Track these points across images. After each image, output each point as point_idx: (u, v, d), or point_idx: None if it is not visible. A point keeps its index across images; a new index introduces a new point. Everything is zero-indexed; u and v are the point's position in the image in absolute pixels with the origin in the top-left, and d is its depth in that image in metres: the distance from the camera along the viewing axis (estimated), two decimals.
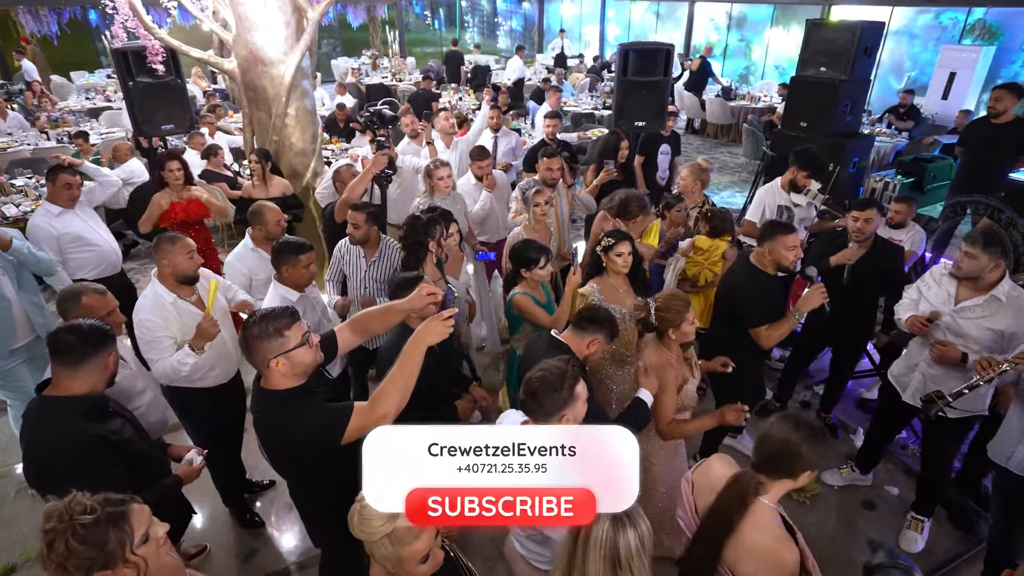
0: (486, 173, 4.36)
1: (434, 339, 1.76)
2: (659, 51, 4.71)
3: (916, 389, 2.98)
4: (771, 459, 1.73)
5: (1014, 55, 9.20)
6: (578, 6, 18.48)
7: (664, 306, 2.55)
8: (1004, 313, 2.67)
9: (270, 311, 1.85)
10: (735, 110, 11.33)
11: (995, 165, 4.95)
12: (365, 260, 3.46)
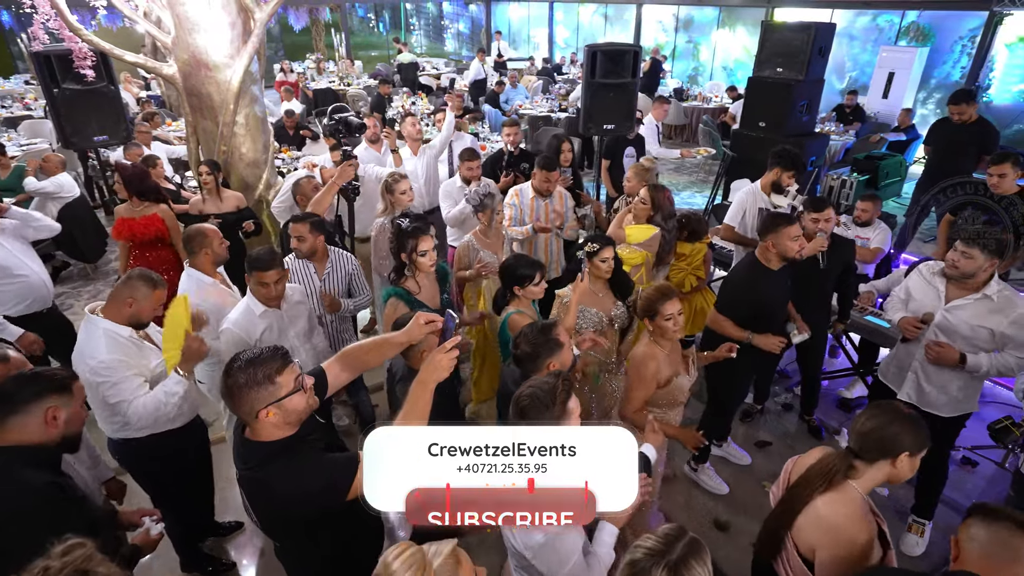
0: (475, 176, 4.15)
1: (441, 375, 1.57)
2: (626, 53, 4.62)
3: (911, 387, 2.97)
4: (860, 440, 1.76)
5: (945, 55, 9.66)
6: (526, 8, 18.43)
7: (646, 295, 2.57)
8: (996, 311, 2.67)
9: (258, 354, 1.61)
10: (688, 110, 11.48)
11: (959, 165, 5.07)
12: (317, 275, 3.22)
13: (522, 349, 2.15)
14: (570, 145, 4.58)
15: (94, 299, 5.68)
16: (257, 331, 2.71)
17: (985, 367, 2.69)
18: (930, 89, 9.93)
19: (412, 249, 2.80)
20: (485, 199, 3.46)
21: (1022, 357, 2.65)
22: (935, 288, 2.85)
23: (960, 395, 2.85)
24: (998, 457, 3.66)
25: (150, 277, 2.39)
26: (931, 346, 2.75)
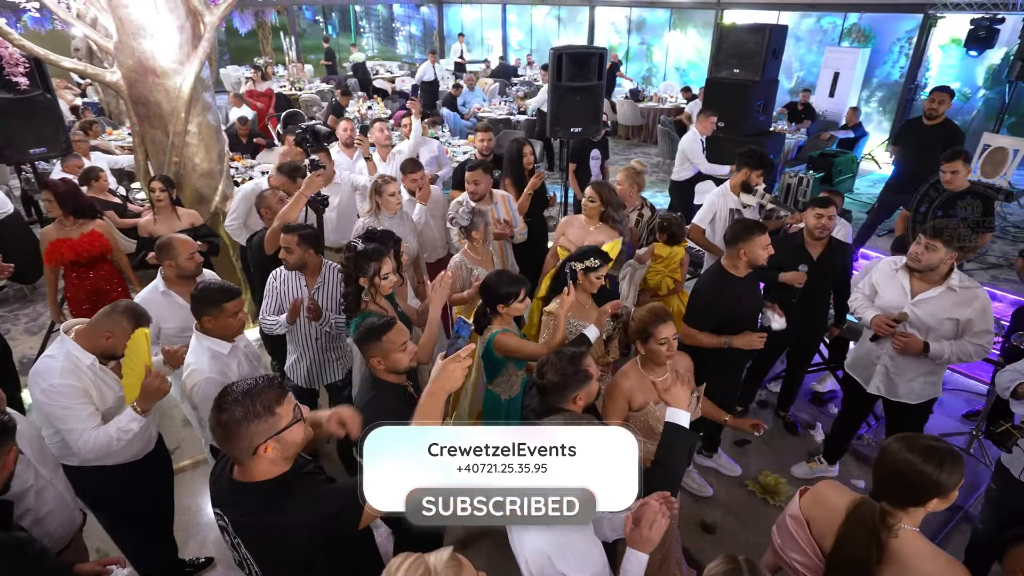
0: (420, 187, 4.06)
1: (453, 385, 1.48)
2: (592, 55, 4.60)
3: (880, 380, 3.06)
4: (891, 488, 1.59)
5: (886, 56, 10.08)
6: (478, 11, 18.35)
7: (638, 316, 2.47)
8: (959, 302, 2.77)
9: (253, 384, 1.50)
10: (644, 111, 11.63)
11: (928, 164, 5.24)
12: (308, 288, 3.06)
13: (549, 379, 1.98)
14: (531, 148, 4.53)
15: (33, 323, 5.32)
16: (232, 373, 2.49)
17: (947, 354, 2.79)
18: (873, 88, 10.35)
19: (375, 273, 2.65)
20: (475, 217, 3.34)
21: (980, 344, 2.77)
22: (900, 283, 2.94)
23: (925, 383, 2.96)
24: (962, 443, 3.80)
25: (135, 312, 2.21)
26: (897, 336, 2.84)
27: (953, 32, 9.11)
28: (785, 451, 3.86)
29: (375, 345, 2.12)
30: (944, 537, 3.26)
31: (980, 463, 3.71)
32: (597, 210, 3.58)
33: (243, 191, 4.07)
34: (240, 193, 4.09)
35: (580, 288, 2.90)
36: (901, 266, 2.95)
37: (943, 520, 3.37)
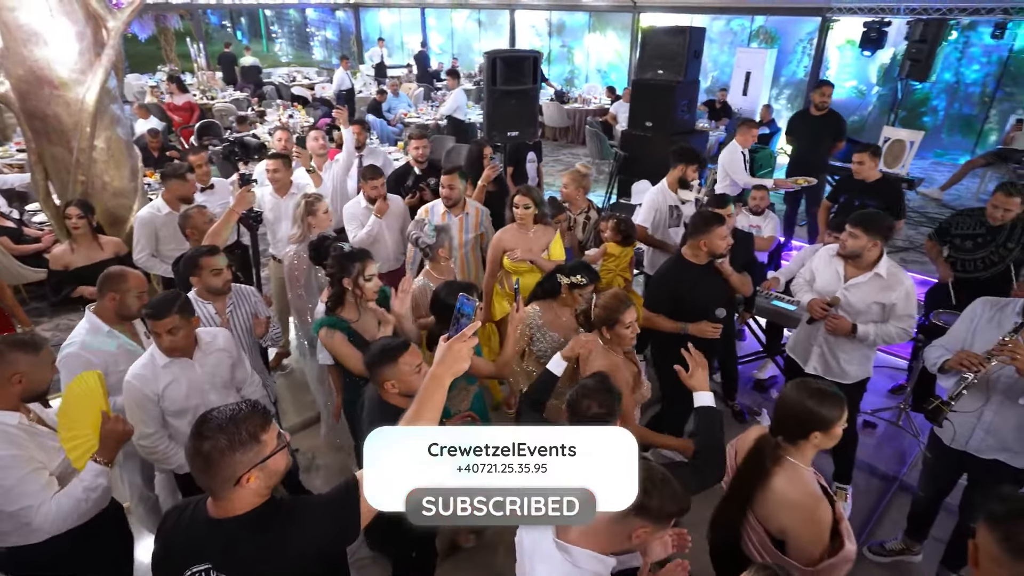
0: (381, 195, 3.90)
1: (460, 367, 1.38)
2: (526, 59, 4.60)
3: (817, 360, 3.21)
4: (785, 423, 1.88)
5: (790, 56, 10.76)
6: (396, 15, 18.08)
7: (603, 303, 2.55)
8: (886, 287, 2.95)
9: (236, 410, 1.40)
10: (570, 112, 11.82)
11: (819, 151, 5.64)
12: (219, 316, 2.86)
13: (595, 412, 1.98)
14: (492, 149, 4.46)
15: None
16: (159, 384, 2.33)
17: (872, 336, 2.97)
18: (781, 86, 11.01)
19: (358, 273, 2.57)
20: (440, 235, 3.21)
21: (902, 328, 2.96)
22: (834, 269, 3.11)
23: (858, 363, 3.14)
24: (892, 417, 4.06)
25: (24, 341, 1.94)
26: (829, 319, 3.01)
27: (848, 34, 9.84)
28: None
29: (390, 368, 2.04)
30: (885, 506, 3.46)
31: (908, 434, 3.98)
32: (531, 215, 3.55)
33: (140, 220, 3.73)
34: (138, 223, 3.74)
35: (561, 301, 2.90)
36: (836, 253, 3.11)
37: (882, 491, 3.58)
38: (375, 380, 2.09)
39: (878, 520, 3.39)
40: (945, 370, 2.54)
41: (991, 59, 8.98)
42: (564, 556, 1.48)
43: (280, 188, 3.96)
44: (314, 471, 3.60)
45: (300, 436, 3.82)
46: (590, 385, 2.01)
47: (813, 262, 3.30)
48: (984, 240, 3.68)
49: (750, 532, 1.95)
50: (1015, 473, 2.55)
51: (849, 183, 4.58)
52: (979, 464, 2.60)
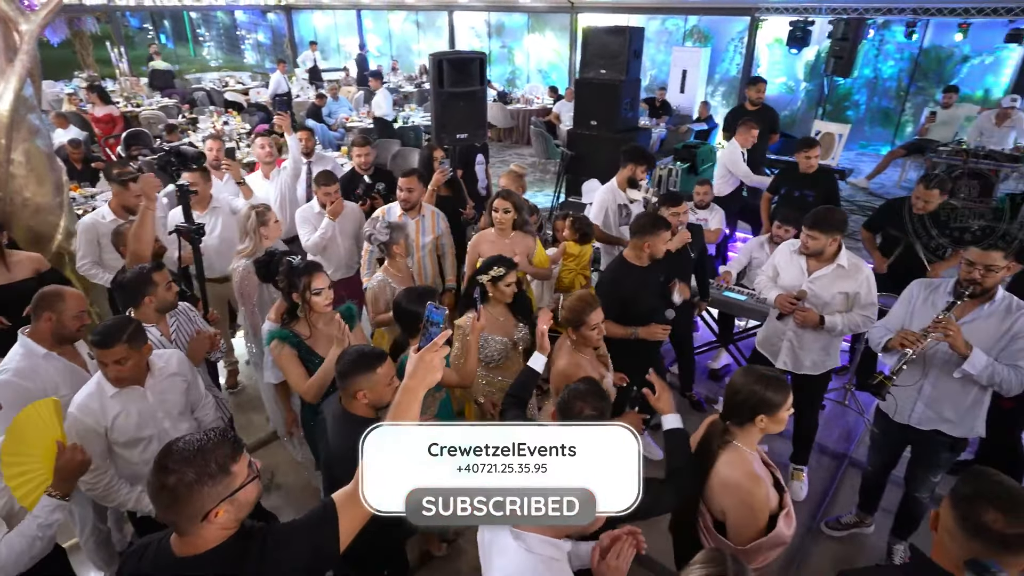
0: (333, 200, 3.79)
1: (433, 378, 1.35)
2: (472, 60, 4.57)
3: (787, 355, 3.30)
4: (734, 407, 1.94)
5: (723, 54, 11.15)
6: (331, 16, 17.66)
7: (569, 304, 2.56)
8: (847, 277, 3.08)
9: (204, 440, 1.32)
10: (513, 113, 11.85)
11: (756, 145, 5.87)
12: (165, 338, 2.71)
13: (588, 414, 1.96)
14: (443, 153, 4.41)
15: None
16: (107, 416, 2.18)
17: (840, 326, 3.09)
18: (716, 83, 11.39)
19: (305, 288, 2.49)
20: (394, 232, 3.14)
21: (866, 315, 3.09)
22: (798, 264, 3.21)
23: (826, 355, 3.26)
24: (838, 397, 4.27)
25: None
26: (798, 312, 3.10)
27: (776, 33, 10.28)
28: (694, 428, 4.08)
29: (366, 377, 1.99)
30: (838, 482, 3.63)
31: (854, 412, 4.19)
32: (511, 219, 3.52)
33: (83, 226, 3.56)
34: (80, 229, 3.57)
35: (493, 301, 2.86)
36: (798, 248, 3.22)
37: (834, 468, 3.76)
38: (346, 388, 2.02)
39: (833, 496, 3.55)
40: (888, 348, 2.69)
41: (904, 56, 9.59)
42: (519, 544, 1.47)
43: (198, 203, 3.76)
44: (274, 490, 3.48)
45: (257, 455, 3.67)
46: (581, 388, 2.01)
47: (776, 258, 3.38)
48: (913, 228, 3.92)
49: (701, 516, 2.01)
50: (952, 442, 2.72)
51: (789, 175, 4.78)
52: (921, 436, 2.76)
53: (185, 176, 3.19)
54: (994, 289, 2.50)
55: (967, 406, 2.62)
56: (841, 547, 3.23)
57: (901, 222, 3.93)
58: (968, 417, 2.64)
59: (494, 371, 2.91)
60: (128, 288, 2.57)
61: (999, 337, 2.48)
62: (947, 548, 1.41)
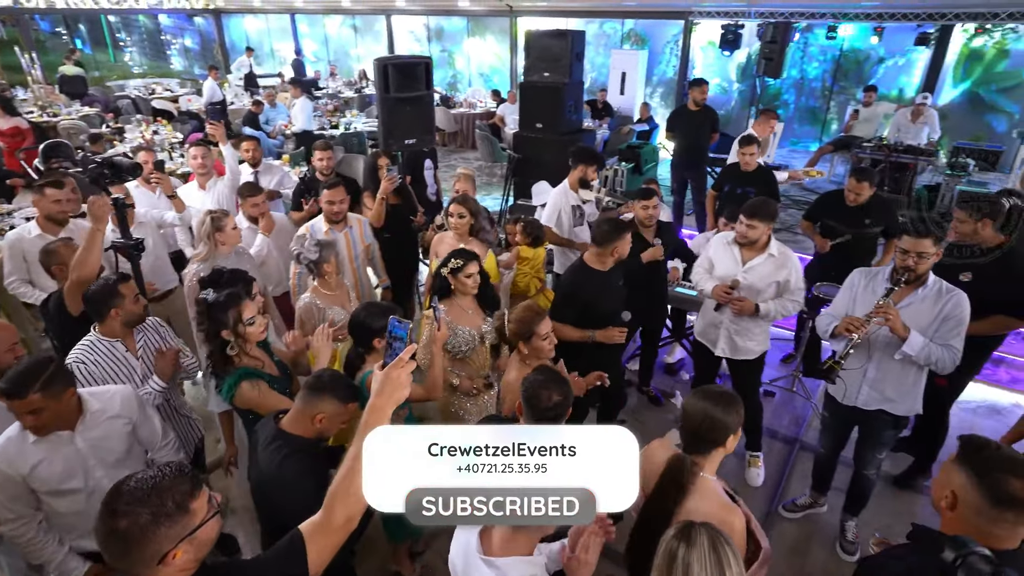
0: (262, 212, 3.64)
1: (400, 395, 1.31)
2: (418, 64, 4.52)
3: (725, 342, 3.44)
4: (698, 437, 1.88)
5: (660, 56, 11.48)
6: (264, 21, 17.12)
7: (516, 317, 2.53)
8: (779, 265, 3.24)
9: (159, 476, 1.23)
10: (457, 117, 11.81)
11: (699, 143, 6.07)
12: (132, 355, 2.55)
13: (556, 400, 1.94)
14: (388, 160, 4.33)
15: None
16: (25, 464, 1.97)
17: (773, 312, 3.25)
18: (654, 85, 11.71)
19: (236, 321, 2.30)
20: (323, 250, 3.03)
21: (796, 300, 3.27)
22: (732, 254, 3.34)
23: (761, 339, 3.42)
24: (787, 384, 4.45)
25: None
26: (734, 301, 3.23)
27: (709, 36, 10.66)
28: (654, 422, 4.18)
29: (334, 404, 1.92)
30: (791, 466, 3.78)
31: (801, 398, 4.38)
32: (467, 225, 3.52)
33: (7, 243, 3.37)
34: (4, 245, 3.41)
35: (457, 293, 2.87)
36: (731, 240, 3.34)
37: (786, 453, 3.91)
38: (309, 405, 1.93)
39: (787, 480, 3.69)
40: (835, 335, 2.83)
41: (827, 58, 10.16)
42: (494, 572, 1.46)
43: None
44: (230, 514, 3.31)
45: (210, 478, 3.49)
46: (540, 377, 1.98)
47: (709, 251, 3.51)
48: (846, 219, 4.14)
49: None
50: (895, 420, 2.88)
51: (731, 173, 4.96)
52: (867, 416, 2.92)
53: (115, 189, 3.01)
54: (926, 275, 2.67)
55: (908, 386, 2.79)
56: (798, 528, 3.36)
57: (836, 213, 4.15)
58: (909, 396, 2.81)
59: (459, 364, 2.89)
60: (93, 301, 2.40)
61: (933, 319, 2.64)
62: (972, 522, 1.45)
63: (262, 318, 2.42)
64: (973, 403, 4.22)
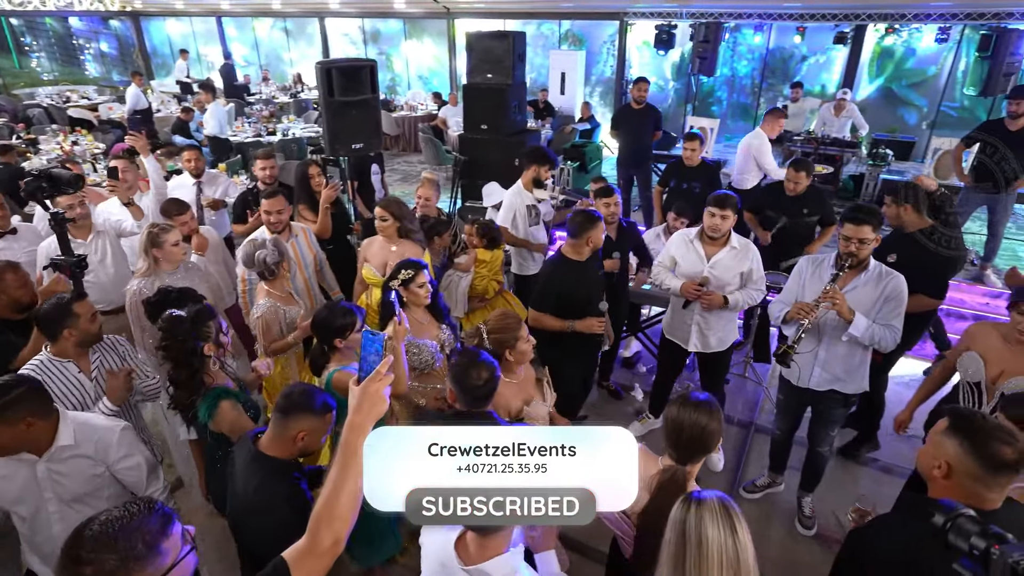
0: (193, 230, 3.52)
1: (380, 410, 1.27)
2: (363, 67, 4.42)
3: (696, 338, 3.52)
4: (691, 448, 1.89)
5: (598, 56, 11.70)
6: (187, 24, 16.34)
7: (496, 327, 2.48)
8: (741, 257, 3.35)
9: (125, 516, 1.14)
10: (399, 120, 11.65)
11: (642, 141, 6.22)
12: (85, 376, 2.40)
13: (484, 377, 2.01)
14: (319, 169, 4.22)
15: None
16: None
17: (740, 302, 3.36)
18: (593, 84, 11.91)
19: (217, 331, 2.28)
20: (269, 257, 2.93)
21: (759, 289, 3.39)
22: (695, 251, 3.42)
23: (729, 331, 3.53)
24: (740, 370, 4.62)
25: None
26: (703, 296, 3.32)
27: (644, 36, 10.94)
28: (615, 416, 4.25)
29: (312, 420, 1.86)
30: (748, 449, 3.93)
31: (752, 382, 4.56)
32: (392, 228, 3.43)
33: None
34: None
35: (411, 305, 2.82)
36: (694, 236, 3.42)
37: (743, 436, 4.06)
38: (286, 426, 1.87)
39: (745, 462, 3.84)
40: (787, 320, 2.95)
41: (755, 56, 10.63)
42: None
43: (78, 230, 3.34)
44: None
45: None
46: (465, 360, 2.06)
47: (670, 248, 3.57)
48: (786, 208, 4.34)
49: None
50: (845, 399, 3.04)
51: (676, 169, 5.11)
52: (819, 396, 3.06)
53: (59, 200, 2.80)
54: (867, 260, 2.82)
55: (855, 365, 2.94)
56: (758, 507, 3.50)
57: (777, 203, 4.34)
58: (856, 375, 2.97)
59: (425, 379, 2.85)
60: (45, 320, 2.26)
61: (875, 301, 2.80)
62: (967, 487, 1.54)
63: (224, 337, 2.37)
64: (906, 377, 4.51)
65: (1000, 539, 1.15)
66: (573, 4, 10.99)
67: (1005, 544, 1.13)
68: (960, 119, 9.44)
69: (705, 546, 1.36)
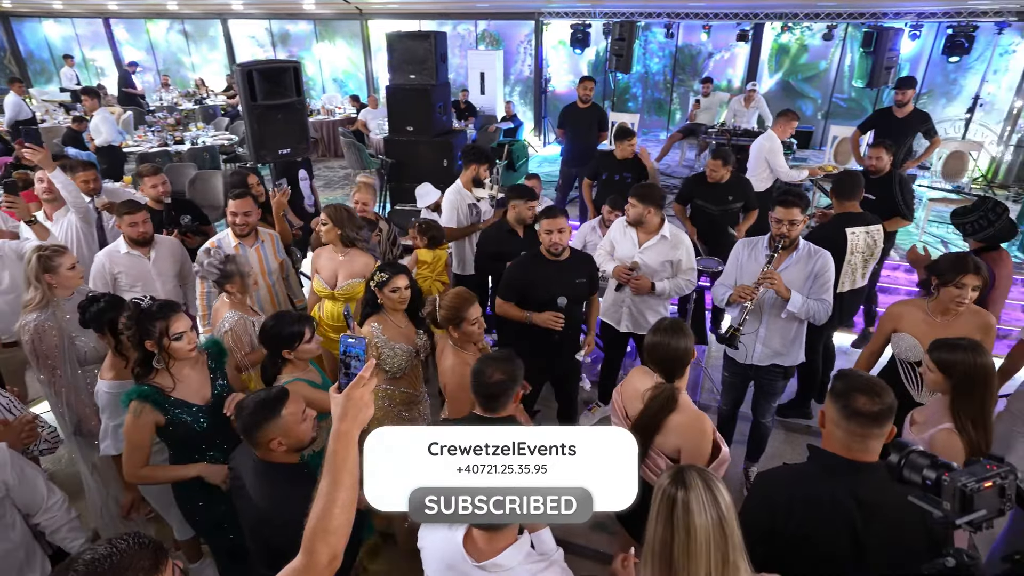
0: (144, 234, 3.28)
1: (366, 415, 1.24)
2: (286, 69, 4.24)
3: (628, 320, 3.67)
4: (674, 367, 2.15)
5: (515, 56, 11.80)
6: (70, 27, 14.99)
7: (448, 303, 2.56)
8: (672, 246, 3.50)
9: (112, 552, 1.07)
10: (316, 125, 11.25)
11: (586, 139, 6.32)
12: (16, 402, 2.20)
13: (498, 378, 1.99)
14: (258, 178, 4.01)
15: None
16: None
17: (668, 290, 3.51)
18: (512, 83, 12.01)
19: (162, 333, 2.14)
20: (226, 266, 2.77)
21: (689, 279, 3.55)
22: (630, 237, 3.56)
23: (660, 314, 3.62)
24: None
25: None
26: (632, 280, 3.46)
27: (560, 35, 11.16)
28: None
29: (274, 424, 1.78)
30: None
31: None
32: (334, 234, 3.32)
33: None
34: None
35: (389, 310, 2.77)
36: (625, 224, 3.55)
37: None
38: (258, 443, 1.80)
39: None
40: (730, 303, 3.12)
41: (666, 53, 11.10)
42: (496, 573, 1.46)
43: None
44: None
45: None
46: (493, 355, 2.07)
47: (611, 234, 3.71)
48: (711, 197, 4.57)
49: (649, 464, 2.18)
50: (785, 371, 3.25)
51: (606, 161, 5.25)
52: (761, 371, 3.26)
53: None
54: (797, 240, 3.03)
55: (792, 339, 3.15)
56: None
57: (703, 193, 4.57)
58: (794, 348, 3.18)
59: (397, 382, 2.81)
60: None
61: (806, 278, 3.01)
62: (834, 435, 1.73)
63: (192, 335, 2.23)
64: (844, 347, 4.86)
65: (948, 467, 1.27)
66: (488, 4, 11.04)
67: (953, 471, 1.25)
68: (849, 109, 10.31)
69: (694, 533, 1.39)
